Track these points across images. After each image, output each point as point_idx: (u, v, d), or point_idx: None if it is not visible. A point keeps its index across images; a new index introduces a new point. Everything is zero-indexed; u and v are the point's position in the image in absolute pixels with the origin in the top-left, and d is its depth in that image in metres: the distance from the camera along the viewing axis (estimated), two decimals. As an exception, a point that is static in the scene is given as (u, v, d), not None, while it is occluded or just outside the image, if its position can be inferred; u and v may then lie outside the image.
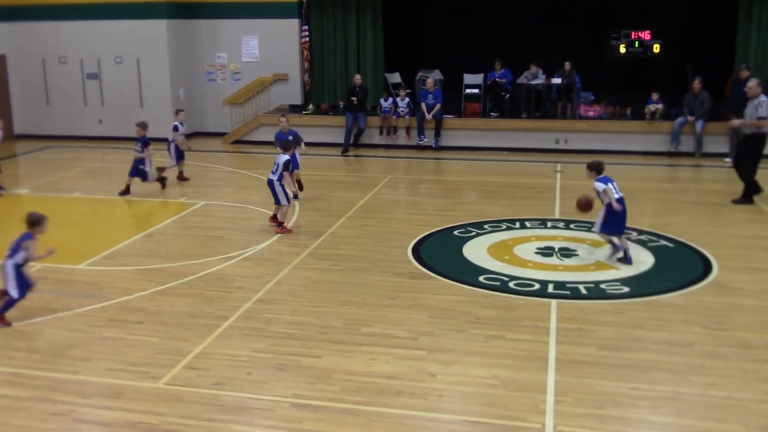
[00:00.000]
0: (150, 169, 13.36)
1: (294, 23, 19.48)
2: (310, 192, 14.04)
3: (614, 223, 9.40)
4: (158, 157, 13.94)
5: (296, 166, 12.15)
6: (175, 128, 14.40)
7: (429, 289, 8.76)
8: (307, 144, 17.99)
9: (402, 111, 17.82)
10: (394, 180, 14.94)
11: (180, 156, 14.50)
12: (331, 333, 7.53)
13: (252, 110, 19.47)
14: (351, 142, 17.80)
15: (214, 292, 8.74)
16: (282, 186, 10.93)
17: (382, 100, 18.07)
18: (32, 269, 9.46)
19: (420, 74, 18.56)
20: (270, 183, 10.99)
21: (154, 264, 9.74)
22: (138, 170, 13.23)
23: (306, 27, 19.24)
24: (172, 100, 19.31)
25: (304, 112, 18.87)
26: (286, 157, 11.06)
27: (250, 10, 19.53)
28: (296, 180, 12.50)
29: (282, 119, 12.88)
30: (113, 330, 7.67)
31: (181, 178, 14.54)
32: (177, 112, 14.87)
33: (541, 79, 17.77)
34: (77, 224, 11.82)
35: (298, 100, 19.72)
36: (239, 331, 7.61)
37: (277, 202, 11.04)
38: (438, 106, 17.43)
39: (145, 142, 13.22)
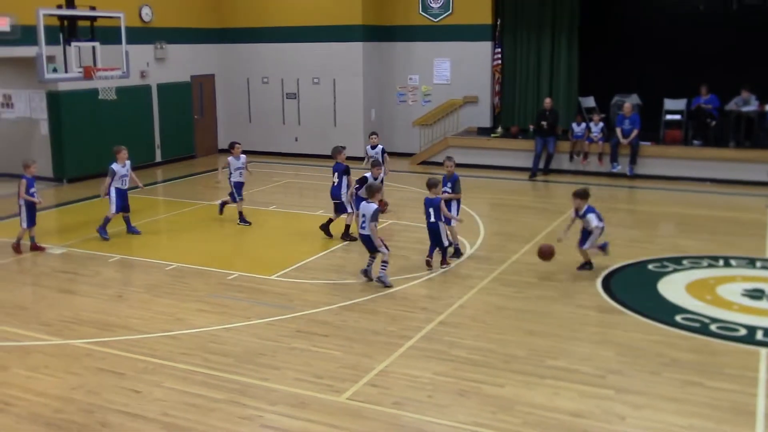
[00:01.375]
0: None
1: (486, 46, 19.44)
2: (495, 216, 13.86)
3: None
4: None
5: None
6: (365, 152, 14.21)
7: (619, 324, 8.30)
8: (495, 167, 18.04)
9: (595, 136, 17.20)
10: (584, 208, 14.37)
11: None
12: (513, 362, 7.31)
13: (441, 132, 19.63)
14: (540, 166, 17.42)
15: (397, 311, 8.79)
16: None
17: (574, 125, 17.54)
18: (230, 277, 10.06)
19: (616, 98, 17.84)
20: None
21: (342, 279, 9.97)
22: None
23: (499, 49, 19.13)
24: (364, 121, 19.90)
25: (492, 135, 18.75)
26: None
27: (443, 33, 19.74)
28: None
29: (448, 162, 11.21)
30: (300, 341, 7.90)
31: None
32: (369, 135, 14.52)
33: (753, 106, 16.46)
34: (271, 236, 12.39)
35: (487, 123, 19.62)
36: (421, 352, 7.58)
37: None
38: (635, 132, 16.63)
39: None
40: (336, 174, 11.93)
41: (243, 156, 13.17)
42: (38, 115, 17.03)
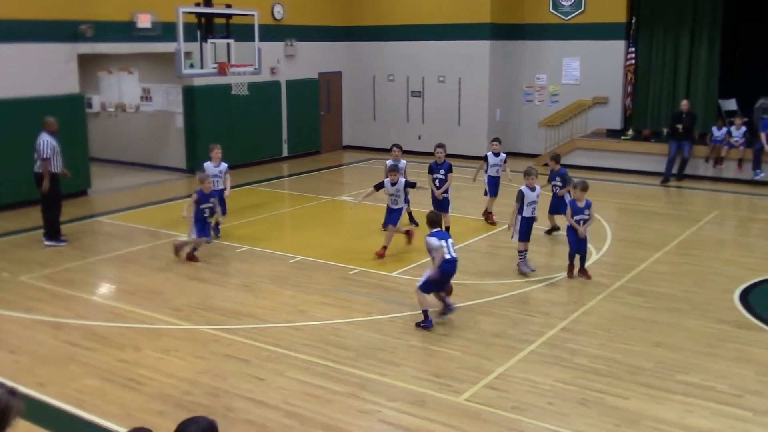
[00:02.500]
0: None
1: (620, 45, 18.78)
2: (623, 222, 13.37)
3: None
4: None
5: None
6: (484, 158, 13.05)
7: (759, 342, 7.78)
8: (624, 171, 17.39)
9: (737, 141, 16.24)
10: (721, 216, 13.61)
11: (492, 190, 12.85)
12: (640, 374, 6.99)
13: (567, 133, 19.12)
14: (673, 171, 16.63)
15: (518, 314, 8.60)
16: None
17: (714, 129, 16.64)
18: (352, 272, 10.15)
19: (761, 101, 16.80)
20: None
21: (462, 280, 9.85)
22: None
23: (633, 49, 18.44)
24: (489, 120, 19.67)
25: (623, 138, 18.09)
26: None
27: (574, 32, 19.21)
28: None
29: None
30: (420, 339, 7.86)
31: (487, 217, 12.88)
32: (491, 141, 13.26)
33: None
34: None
35: (617, 125, 18.95)
36: (542, 357, 7.38)
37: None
38: (782, 137, 15.60)
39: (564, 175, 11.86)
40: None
41: (403, 161, 12.52)
42: (174, 109, 17.85)
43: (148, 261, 10.79)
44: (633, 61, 18.52)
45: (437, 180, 11.85)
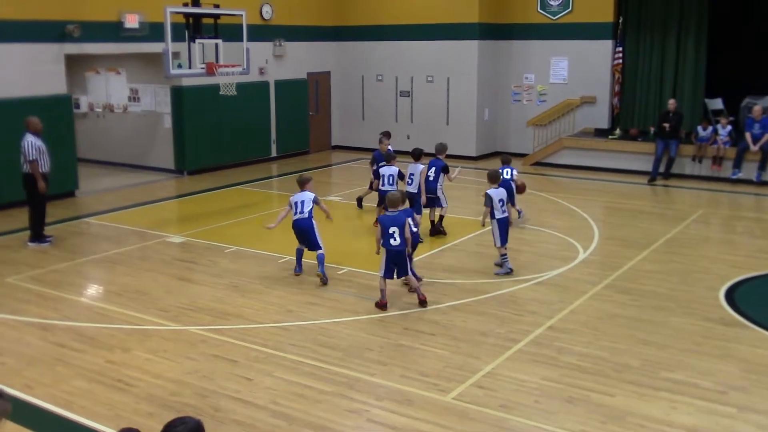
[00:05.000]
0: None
1: (607, 44, 18.85)
2: (610, 220, 13.45)
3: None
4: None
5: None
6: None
7: (744, 339, 7.85)
8: (611, 170, 17.49)
9: (722, 140, 16.35)
10: (707, 215, 13.71)
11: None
12: (626, 372, 7.04)
13: (555, 132, 19.20)
14: (660, 170, 16.73)
15: (505, 313, 8.64)
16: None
17: (700, 128, 16.74)
18: (340, 272, 10.16)
19: (747, 100, 16.89)
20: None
21: (450, 279, 9.90)
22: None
23: (620, 48, 18.53)
24: (477, 120, 19.72)
25: (610, 137, 18.19)
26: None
27: (562, 32, 19.28)
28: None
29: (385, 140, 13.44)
30: (408, 338, 7.89)
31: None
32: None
33: None
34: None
35: (604, 124, 19.03)
36: (529, 356, 7.43)
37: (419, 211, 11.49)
38: (766, 136, 15.69)
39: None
40: (434, 169, 12.12)
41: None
42: (162, 109, 17.80)
43: (137, 262, 10.77)
44: (620, 61, 18.61)
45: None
